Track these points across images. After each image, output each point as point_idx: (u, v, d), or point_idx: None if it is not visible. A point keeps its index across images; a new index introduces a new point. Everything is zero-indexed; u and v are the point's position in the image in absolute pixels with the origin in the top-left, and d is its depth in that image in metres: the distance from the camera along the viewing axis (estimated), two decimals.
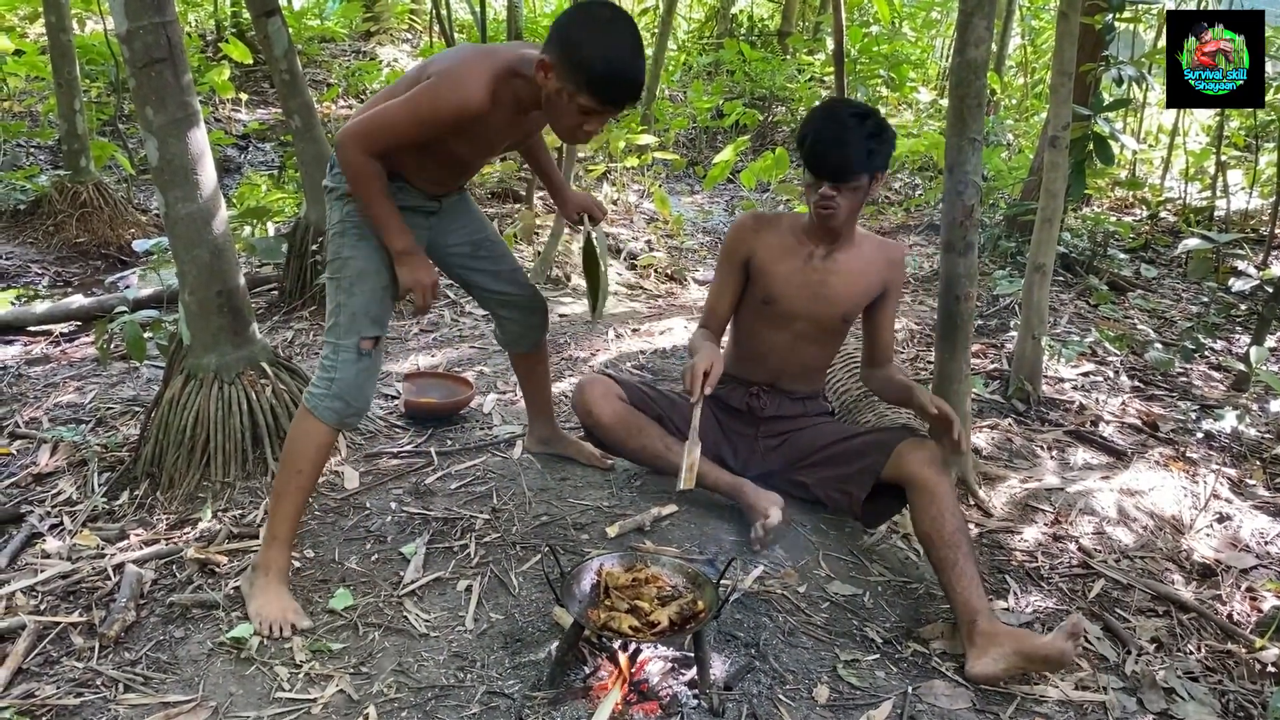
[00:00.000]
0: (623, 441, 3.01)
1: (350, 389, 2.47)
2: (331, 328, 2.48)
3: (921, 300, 5.61)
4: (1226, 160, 7.19)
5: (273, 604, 2.41)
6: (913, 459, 2.64)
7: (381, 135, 2.29)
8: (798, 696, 2.23)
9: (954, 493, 2.64)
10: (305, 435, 2.50)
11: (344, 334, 2.46)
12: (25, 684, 2.20)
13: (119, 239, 6.39)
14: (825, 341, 2.97)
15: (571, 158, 5.98)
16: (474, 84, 2.22)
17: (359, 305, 2.46)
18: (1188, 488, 3.47)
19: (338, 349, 2.46)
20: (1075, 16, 3.72)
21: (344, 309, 2.46)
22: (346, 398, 2.48)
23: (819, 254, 2.83)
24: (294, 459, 2.49)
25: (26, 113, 8.26)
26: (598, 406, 2.99)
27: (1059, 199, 3.84)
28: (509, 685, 2.20)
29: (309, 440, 2.49)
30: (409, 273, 2.44)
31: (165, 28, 2.82)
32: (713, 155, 8.72)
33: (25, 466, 3.26)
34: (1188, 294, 5.97)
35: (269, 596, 2.43)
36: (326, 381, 2.47)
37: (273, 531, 2.49)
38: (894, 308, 2.97)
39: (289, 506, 2.50)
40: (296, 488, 2.50)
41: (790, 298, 2.85)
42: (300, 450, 2.49)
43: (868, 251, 2.87)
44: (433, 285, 2.47)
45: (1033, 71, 11.38)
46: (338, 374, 2.46)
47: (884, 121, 2.68)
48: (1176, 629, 2.70)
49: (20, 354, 4.47)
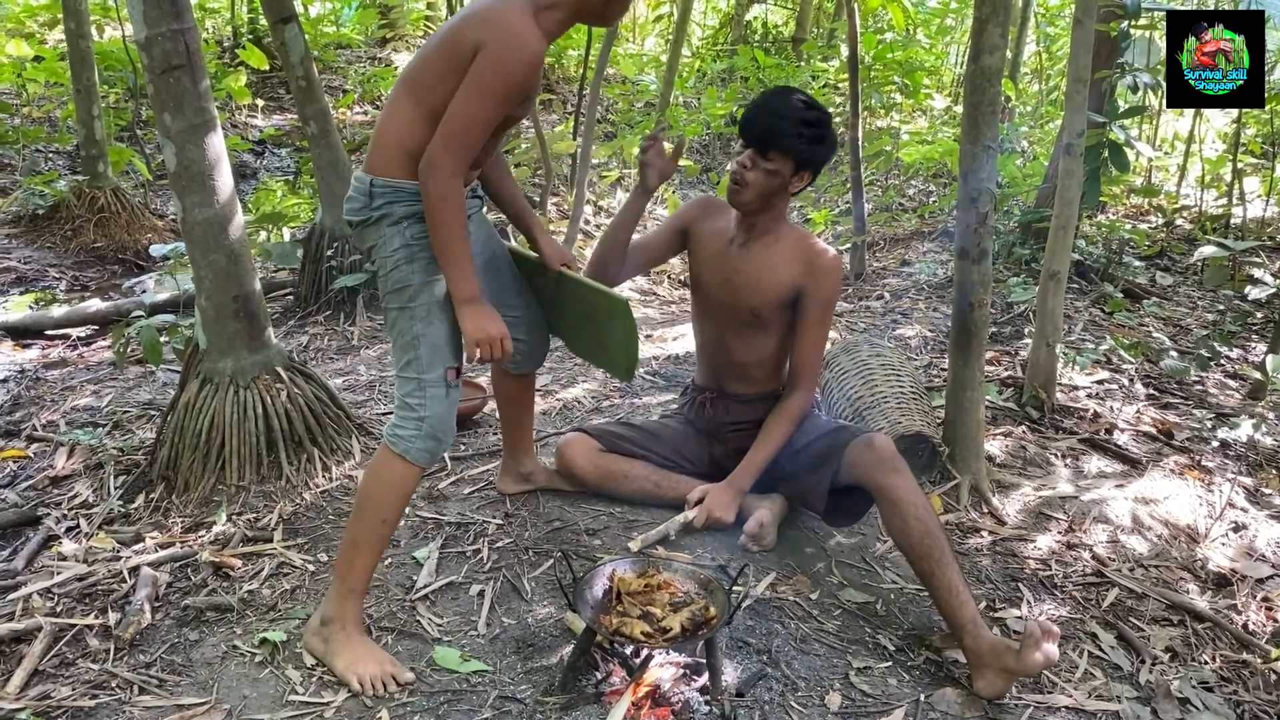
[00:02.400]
0: (613, 491, 3.03)
1: (442, 425, 2.29)
2: (410, 362, 2.27)
3: (935, 307, 5.60)
4: (1243, 167, 7.15)
5: (365, 659, 2.24)
6: (863, 464, 2.55)
7: (473, 142, 2.12)
8: (810, 704, 2.23)
9: (916, 490, 2.49)
10: (393, 481, 2.30)
11: (427, 367, 2.26)
12: (41, 685, 2.22)
13: (136, 244, 6.44)
14: (746, 337, 2.87)
15: (585, 164, 6.00)
16: (529, 33, 2.09)
17: (440, 335, 2.27)
18: (1203, 496, 3.45)
19: (423, 384, 2.26)
20: (1090, 23, 3.71)
21: (424, 340, 2.26)
22: (439, 435, 2.29)
23: (737, 241, 2.80)
24: (379, 508, 2.29)
25: (45, 118, 8.33)
26: (579, 467, 3.00)
27: (1074, 206, 3.83)
28: (521, 690, 2.21)
29: (397, 487, 2.31)
30: (477, 324, 2.24)
31: (183, 34, 2.84)
32: (727, 162, 8.73)
33: (42, 469, 3.29)
34: (1203, 301, 5.93)
35: (358, 651, 2.25)
36: (416, 422, 2.27)
37: (349, 584, 2.29)
38: (813, 321, 2.76)
39: (370, 558, 2.32)
40: (379, 538, 2.32)
41: (706, 283, 2.87)
42: (386, 498, 2.30)
43: (786, 249, 2.76)
44: (502, 338, 2.28)
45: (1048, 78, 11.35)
46: (428, 411, 2.26)
47: (828, 123, 2.65)
48: (1191, 638, 2.69)
49: (38, 357, 4.50)
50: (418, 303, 2.25)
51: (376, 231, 2.25)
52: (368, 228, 2.27)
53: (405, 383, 2.29)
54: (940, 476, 3.31)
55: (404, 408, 2.29)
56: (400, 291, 2.25)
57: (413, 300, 2.25)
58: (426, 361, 2.26)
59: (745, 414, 2.97)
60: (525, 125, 8.48)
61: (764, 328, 2.84)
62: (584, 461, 2.99)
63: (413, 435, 2.27)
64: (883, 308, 5.69)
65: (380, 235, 2.25)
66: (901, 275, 6.31)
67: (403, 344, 2.28)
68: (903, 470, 2.52)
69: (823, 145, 2.65)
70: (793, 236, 2.79)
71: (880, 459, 2.52)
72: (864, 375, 3.52)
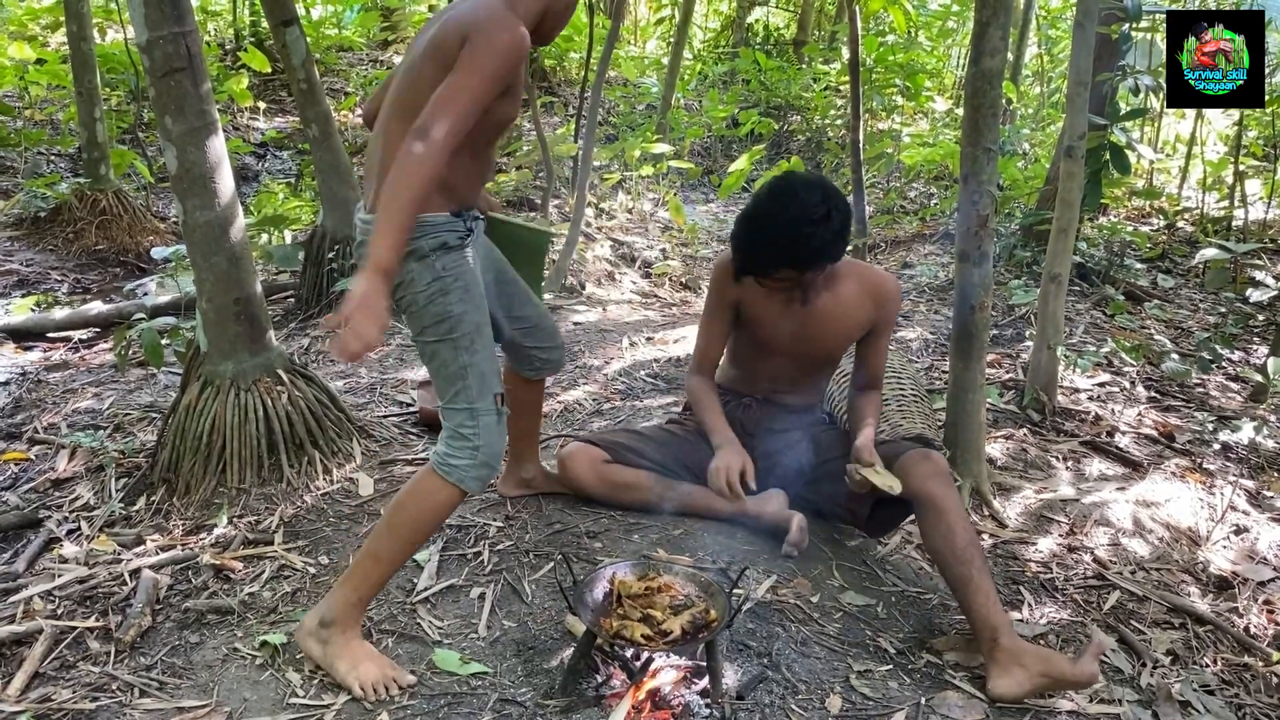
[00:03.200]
0: (617, 502, 3.02)
1: (496, 452, 2.27)
2: (460, 393, 2.25)
3: (936, 310, 5.59)
4: (1245, 170, 7.15)
5: (367, 664, 2.24)
6: (917, 474, 2.58)
7: (465, 114, 2.04)
8: (810, 707, 2.22)
9: (962, 505, 2.60)
10: (435, 507, 2.27)
11: (478, 396, 2.24)
12: (42, 688, 2.22)
13: (138, 246, 6.45)
14: (817, 371, 2.96)
15: (587, 166, 6.00)
16: (513, 18, 2.10)
17: (485, 363, 2.26)
18: (1204, 499, 3.45)
19: (475, 413, 2.23)
20: (1091, 26, 3.71)
21: (471, 370, 2.24)
22: (493, 463, 2.27)
23: (797, 300, 2.69)
24: (416, 529, 2.27)
25: (47, 121, 8.35)
26: (583, 478, 2.98)
27: (1075, 208, 3.83)
28: (521, 693, 2.21)
29: (438, 512, 2.28)
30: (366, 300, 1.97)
31: (185, 37, 2.85)
32: (728, 164, 8.73)
33: (43, 472, 3.29)
34: (1205, 304, 5.93)
35: (358, 656, 2.25)
36: (471, 451, 2.24)
37: (360, 593, 2.28)
38: (886, 340, 2.87)
39: (388, 573, 2.31)
40: (404, 556, 2.31)
41: (776, 339, 2.83)
42: (425, 521, 2.27)
43: (853, 291, 2.75)
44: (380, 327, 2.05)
45: (1049, 81, 11.35)
46: (482, 440, 2.24)
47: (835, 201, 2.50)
48: (1192, 641, 2.68)
49: (39, 360, 4.51)
50: (460, 332, 2.23)
51: (402, 270, 2.17)
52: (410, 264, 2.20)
53: (455, 413, 2.26)
54: None
55: (456, 437, 2.25)
56: (439, 324, 2.22)
57: (454, 331, 2.22)
58: (477, 390, 2.24)
59: (786, 423, 2.98)
60: (527, 128, 8.49)
61: (834, 361, 2.95)
62: (589, 473, 2.97)
63: (468, 465, 2.24)
64: None
65: (407, 273, 2.19)
66: (903, 277, 6.31)
67: (448, 375, 2.25)
68: (952, 483, 2.59)
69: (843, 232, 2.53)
70: (853, 275, 2.77)
71: (937, 470, 2.57)
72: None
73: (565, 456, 3.00)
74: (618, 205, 7.68)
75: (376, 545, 2.27)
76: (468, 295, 2.23)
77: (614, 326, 5.19)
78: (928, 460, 2.60)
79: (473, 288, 2.25)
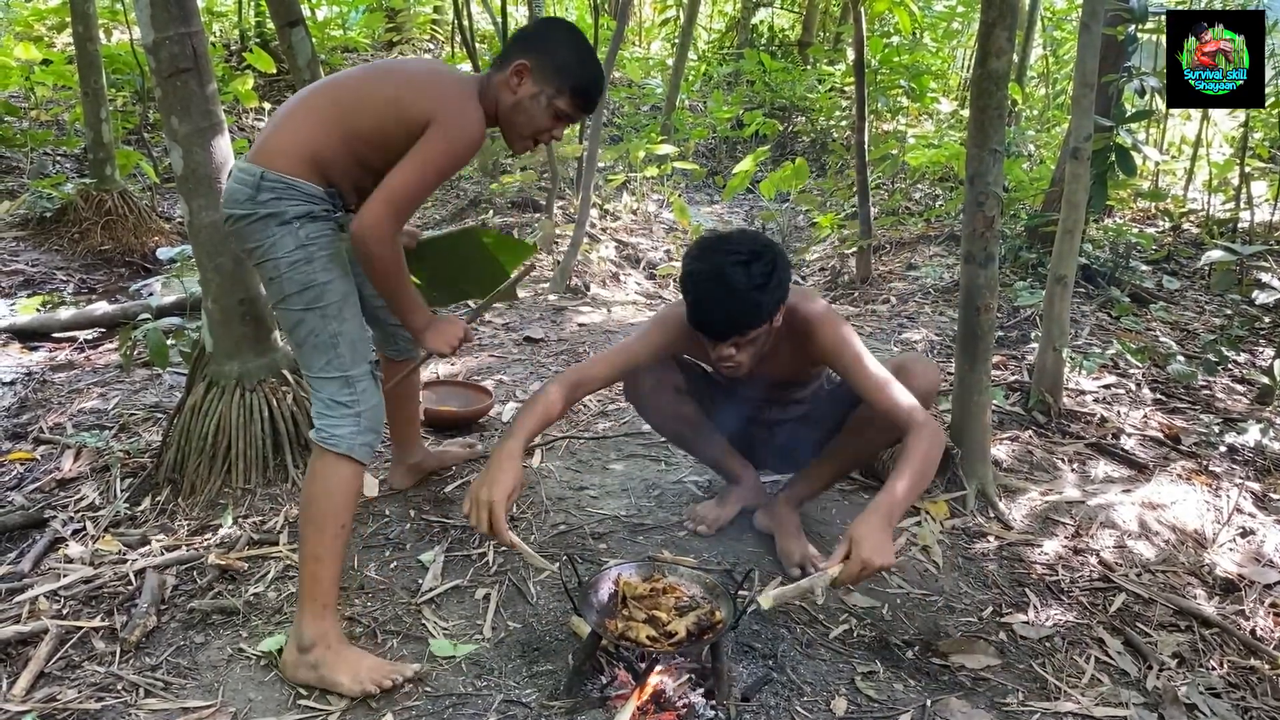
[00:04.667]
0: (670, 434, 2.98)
1: (378, 417, 2.31)
2: (331, 361, 2.25)
3: (941, 311, 5.59)
4: (1251, 171, 7.13)
5: (364, 667, 2.23)
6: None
7: (414, 204, 2.21)
8: (815, 709, 2.22)
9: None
10: (340, 484, 2.26)
11: (352, 363, 2.27)
12: (47, 688, 2.22)
13: (143, 247, 6.45)
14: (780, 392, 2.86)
15: (592, 167, 6.00)
16: (476, 117, 2.22)
17: (355, 331, 2.29)
18: (1210, 502, 3.44)
19: (351, 380, 2.26)
20: (1097, 27, 3.70)
21: (342, 338, 2.26)
22: (376, 427, 2.30)
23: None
24: (333, 514, 2.25)
25: (53, 121, 8.36)
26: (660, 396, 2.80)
27: (1080, 210, 3.82)
28: (526, 694, 2.21)
29: (344, 488, 2.27)
30: (442, 337, 2.34)
31: (190, 38, 2.85)
32: (732, 165, 8.73)
33: (49, 471, 3.29)
34: (1211, 306, 5.92)
35: (350, 662, 2.23)
36: (353, 417, 2.25)
37: (321, 600, 2.25)
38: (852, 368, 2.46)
39: (335, 568, 2.28)
40: (341, 544, 2.28)
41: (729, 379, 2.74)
42: (337, 504, 2.26)
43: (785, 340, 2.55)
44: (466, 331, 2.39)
45: (1054, 82, 11.33)
46: (362, 405, 2.26)
47: (773, 259, 2.33)
48: (1199, 644, 2.68)
49: (45, 360, 4.51)
50: (326, 301, 2.24)
51: (263, 231, 2.20)
52: (252, 224, 2.20)
53: (327, 383, 2.27)
54: (950, 480, 3.30)
55: (333, 406, 2.26)
56: (304, 292, 2.23)
57: (321, 299, 2.24)
58: (350, 357, 2.27)
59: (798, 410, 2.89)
60: None
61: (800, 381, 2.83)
62: (667, 394, 2.80)
63: (353, 431, 2.25)
64: (889, 311, 5.68)
65: (268, 235, 2.20)
66: (908, 279, 6.30)
67: (317, 344, 2.26)
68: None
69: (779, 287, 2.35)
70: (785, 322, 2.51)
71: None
72: None
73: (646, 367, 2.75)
74: (622, 206, 7.68)
75: (308, 547, 2.26)
76: (332, 264, 2.25)
77: (618, 328, 5.18)
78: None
79: (338, 256, 2.26)
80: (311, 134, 2.22)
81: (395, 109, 2.20)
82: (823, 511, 3.11)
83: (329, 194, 2.25)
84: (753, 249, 2.32)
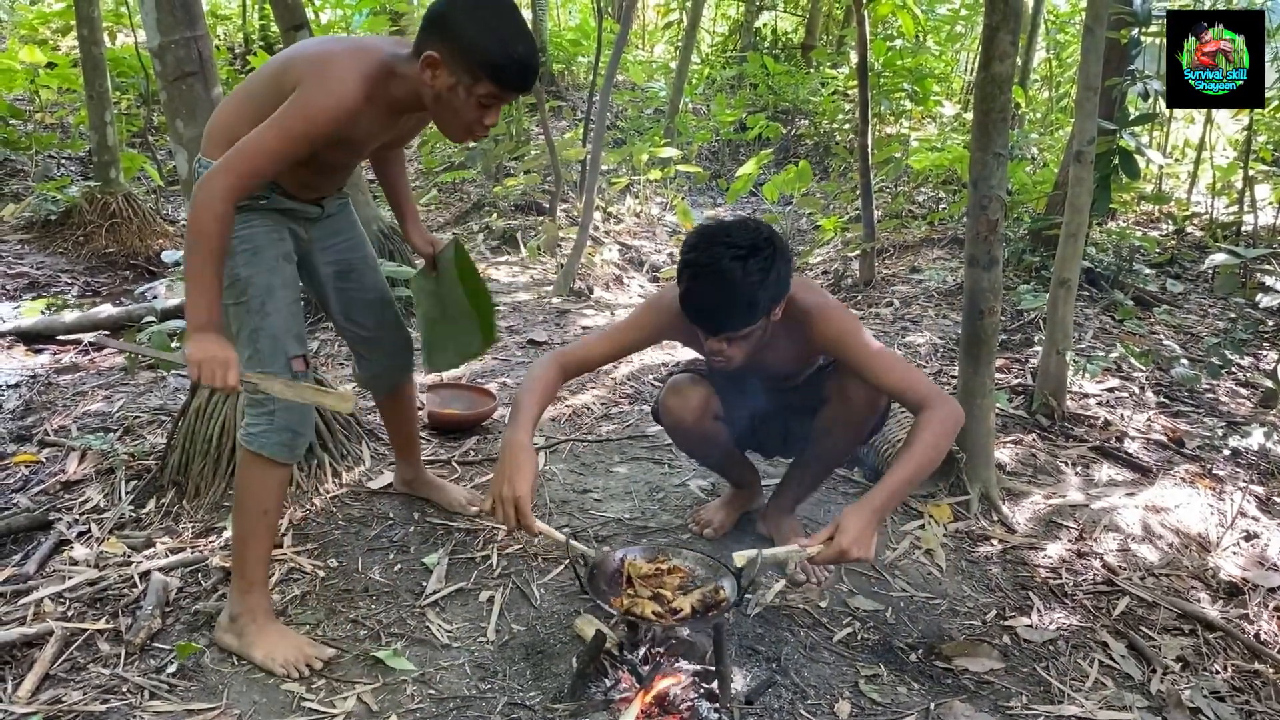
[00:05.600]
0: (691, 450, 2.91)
1: (294, 417, 2.23)
2: (251, 356, 2.21)
3: (945, 314, 5.59)
4: (1254, 174, 7.13)
5: (281, 646, 2.29)
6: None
7: (256, 170, 2.01)
8: (819, 712, 2.22)
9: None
10: (258, 479, 2.27)
11: (269, 359, 2.20)
12: (52, 690, 2.23)
13: (147, 249, 6.47)
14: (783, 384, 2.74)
15: (595, 170, 6.01)
16: (346, 83, 2.01)
17: (278, 325, 2.22)
18: (1214, 505, 3.43)
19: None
20: (1101, 30, 3.70)
21: (262, 333, 2.20)
22: (294, 426, 2.25)
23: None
24: (256, 502, 2.29)
25: (58, 124, 8.39)
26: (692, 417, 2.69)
27: (1084, 213, 3.82)
28: (530, 697, 2.21)
29: (265, 483, 2.28)
30: (203, 348, 2.02)
31: (196, 42, 2.86)
32: (736, 168, 8.74)
33: (54, 474, 3.30)
34: (1214, 309, 5.91)
35: (273, 639, 2.30)
36: (267, 416, 2.22)
37: (249, 578, 2.33)
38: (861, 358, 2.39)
39: (261, 548, 2.34)
40: (266, 527, 2.34)
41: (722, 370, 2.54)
42: (258, 494, 2.29)
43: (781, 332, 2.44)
44: (227, 365, 2.03)
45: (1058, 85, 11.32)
46: (274, 403, 2.20)
47: (771, 253, 2.22)
48: (1202, 648, 2.67)
49: (49, 362, 4.52)
50: (249, 295, 2.21)
51: None
52: None
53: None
54: (954, 484, 3.30)
55: (253, 404, 2.24)
56: (231, 286, 2.19)
57: (244, 294, 2.21)
58: (268, 353, 2.22)
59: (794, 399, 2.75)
60: (535, 132, 8.51)
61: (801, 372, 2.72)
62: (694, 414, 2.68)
63: (265, 430, 2.24)
64: (892, 315, 5.68)
65: None
66: (911, 282, 6.31)
67: (240, 338, 2.23)
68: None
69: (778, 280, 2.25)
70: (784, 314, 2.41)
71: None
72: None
73: (671, 391, 2.72)
74: (625, 209, 7.68)
75: (235, 530, 2.35)
76: (256, 258, 2.20)
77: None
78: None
79: (262, 250, 2.22)
80: (231, 119, 2.16)
81: (282, 81, 2.08)
82: (826, 515, 3.11)
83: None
84: (753, 242, 2.21)
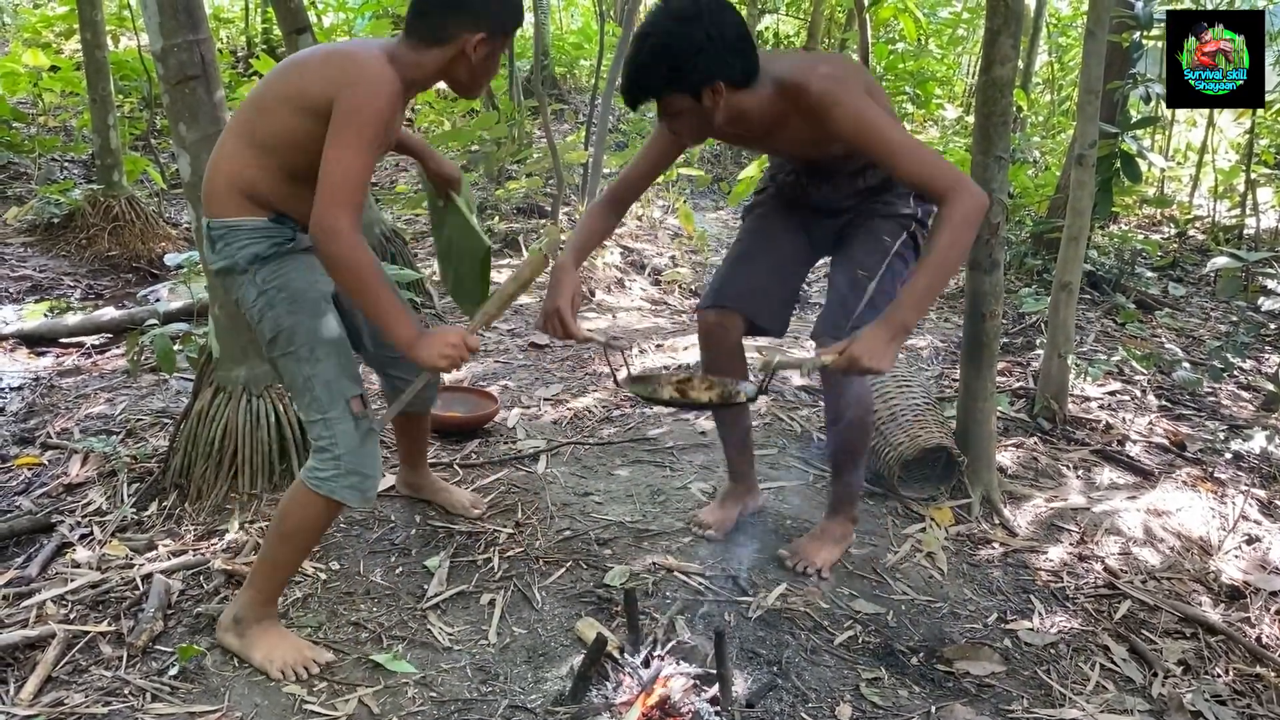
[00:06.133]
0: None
1: (359, 459, 2.22)
2: (310, 404, 2.21)
3: (947, 318, 5.59)
4: (1256, 178, 7.13)
5: (281, 648, 2.30)
6: None
7: (359, 191, 2.01)
8: (820, 715, 2.22)
9: None
10: (316, 517, 2.27)
11: (328, 405, 2.20)
12: (54, 692, 2.23)
13: (150, 252, 6.47)
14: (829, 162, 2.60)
15: (597, 173, 6.01)
16: (384, 73, 2.03)
17: (330, 370, 2.20)
18: (1216, 508, 3.43)
19: (329, 423, 2.20)
20: (1102, 34, 3.71)
21: (316, 379, 2.19)
22: (361, 470, 2.23)
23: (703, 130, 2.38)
24: (304, 537, 2.30)
25: (61, 127, 8.39)
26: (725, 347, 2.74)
27: (1086, 216, 3.83)
28: (531, 700, 2.21)
29: (319, 521, 2.29)
30: (432, 350, 2.09)
31: (199, 45, 2.86)
32: (737, 171, 8.73)
33: (56, 477, 3.30)
34: (1216, 313, 5.91)
35: (272, 641, 2.31)
36: (333, 461, 2.20)
37: (266, 593, 2.34)
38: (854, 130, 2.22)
39: (285, 574, 2.39)
40: (301, 557, 2.38)
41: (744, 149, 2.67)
42: (309, 530, 2.29)
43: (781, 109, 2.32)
44: (463, 340, 2.12)
45: (1060, 89, 11.34)
46: (341, 449, 2.20)
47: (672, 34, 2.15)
48: (1204, 651, 2.67)
49: (52, 365, 4.52)
50: (296, 344, 2.19)
51: (231, 283, 2.21)
52: (221, 278, 2.23)
53: (311, 425, 2.24)
54: (956, 487, 3.30)
55: (319, 450, 2.23)
56: (275, 339, 2.20)
57: (291, 344, 2.19)
58: (326, 400, 2.20)
59: (848, 200, 2.66)
60: (538, 135, 8.51)
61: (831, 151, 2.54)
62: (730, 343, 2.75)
63: (333, 475, 2.21)
64: None
65: (236, 287, 2.20)
66: None
67: (296, 389, 2.24)
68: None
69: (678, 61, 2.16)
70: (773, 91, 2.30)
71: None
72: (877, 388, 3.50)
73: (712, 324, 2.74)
74: (627, 213, 7.67)
75: (271, 551, 2.32)
76: (296, 305, 2.18)
77: (623, 333, 5.19)
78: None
79: (301, 296, 2.19)
80: (232, 164, 2.15)
81: (297, 101, 2.07)
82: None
83: (276, 223, 2.18)
84: (695, 11, 2.14)
